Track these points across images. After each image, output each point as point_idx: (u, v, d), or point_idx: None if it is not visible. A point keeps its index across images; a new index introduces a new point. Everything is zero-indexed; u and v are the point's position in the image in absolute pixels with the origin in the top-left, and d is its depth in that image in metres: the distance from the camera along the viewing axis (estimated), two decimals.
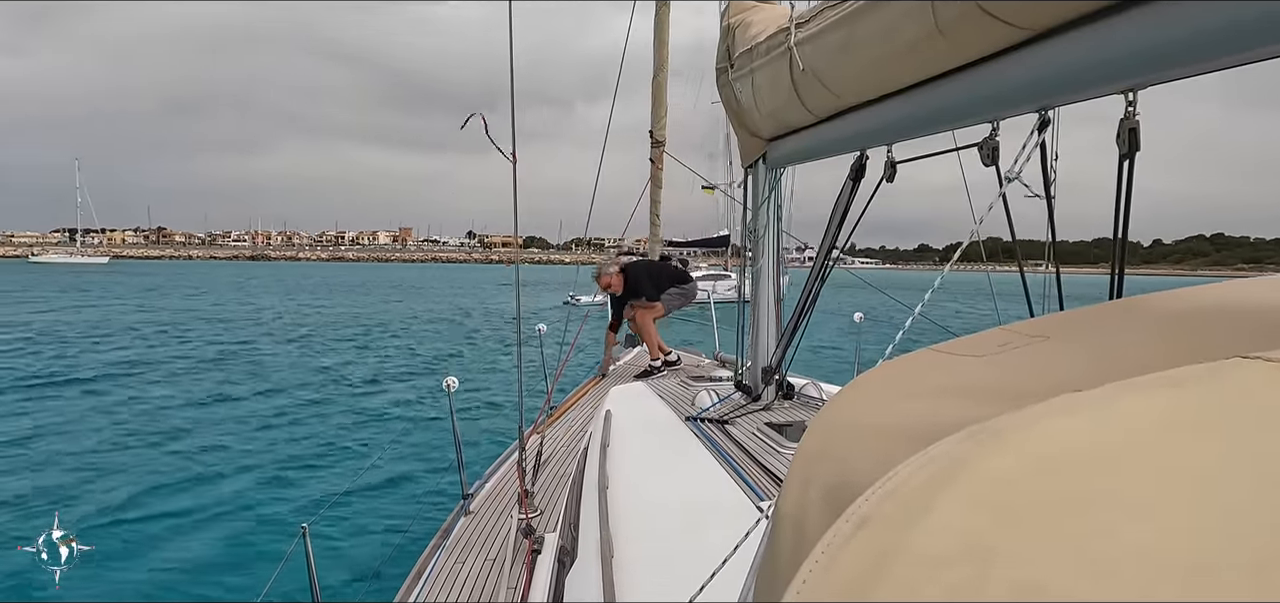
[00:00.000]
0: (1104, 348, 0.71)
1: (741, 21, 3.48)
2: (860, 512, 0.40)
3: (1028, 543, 0.33)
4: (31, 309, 27.25)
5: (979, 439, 0.42)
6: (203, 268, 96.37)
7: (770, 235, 3.86)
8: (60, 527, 3.74)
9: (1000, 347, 0.75)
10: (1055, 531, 0.34)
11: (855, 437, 0.60)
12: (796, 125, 3.17)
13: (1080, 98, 1.62)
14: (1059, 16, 1.56)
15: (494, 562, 3.02)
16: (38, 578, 5.60)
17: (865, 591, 0.35)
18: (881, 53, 2.20)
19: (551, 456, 4.08)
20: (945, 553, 0.34)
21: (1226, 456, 0.37)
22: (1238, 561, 0.31)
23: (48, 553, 3.63)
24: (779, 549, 0.57)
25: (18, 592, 5.13)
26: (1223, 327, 0.69)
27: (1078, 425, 0.42)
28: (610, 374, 6.06)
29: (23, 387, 12.46)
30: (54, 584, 3.79)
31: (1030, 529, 0.34)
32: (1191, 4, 1.30)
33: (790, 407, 3.76)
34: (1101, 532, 0.33)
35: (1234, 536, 0.32)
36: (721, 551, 1.36)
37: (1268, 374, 0.46)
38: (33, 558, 5.03)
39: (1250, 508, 0.33)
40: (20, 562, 5.91)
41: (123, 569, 5.64)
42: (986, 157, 1.95)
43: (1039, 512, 0.35)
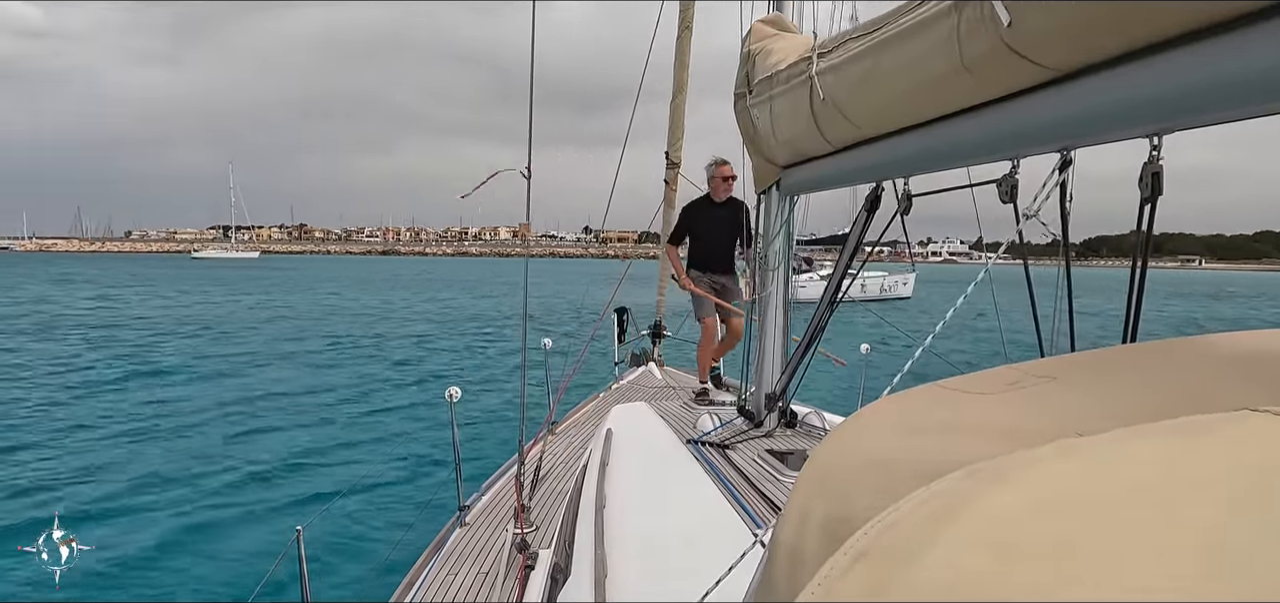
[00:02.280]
0: (1113, 392, 0.70)
1: (762, 48, 3.48)
2: (858, 545, 0.40)
3: (1026, 584, 0.33)
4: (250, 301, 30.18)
5: (980, 478, 0.42)
6: (341, 262, 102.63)
7: (781, 261, 3.84)
8: (60, 527, 3.74)
9: (1008, 386, 0.74)
10: (1054, 573, 0.34)
11: (857, 470, 0.59)
12: (813, 154, 3.15)
13: (1104, 140, 1.60)
14: (1086, 58, 1.55)
15: (487, 575, 3.00)
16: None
17: None
18: (904, 86, 2.18)
19: (550, 471, 4.06)
20: (943, 590, 0.34)
21: (1230, 507, 0.37)
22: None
23: (48, 553, 3.63)
24: (775, 579, 0.56)
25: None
26: (1234, 377, 0.68)
27: (1080, 469, 0.42)
28: (612, 393, 6.03)
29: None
30: (65, 583, 3.80)
31: (1029, 570, 0.34)
32: (1219, 52, 1.28)
33: (792, 435, 3.73)
34: (1100, 576, 0.33)
35: (1234, 587, 0.31)
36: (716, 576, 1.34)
37: (1274, 428, 0.46)
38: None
39: (1251, 561, 0.32)
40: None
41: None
42: (1005, 194, 1.93)
43: (1038, 553, 0.35)
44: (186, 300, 30.91)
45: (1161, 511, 0.37)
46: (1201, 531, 0.35)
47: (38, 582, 4.79)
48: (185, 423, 9.87)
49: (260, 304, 29.19)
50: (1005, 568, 0.35)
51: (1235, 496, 0.38)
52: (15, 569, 5.23)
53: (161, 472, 7.75)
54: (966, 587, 0.34)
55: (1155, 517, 0.36)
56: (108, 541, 5.81)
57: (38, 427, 9.52)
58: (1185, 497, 0.38)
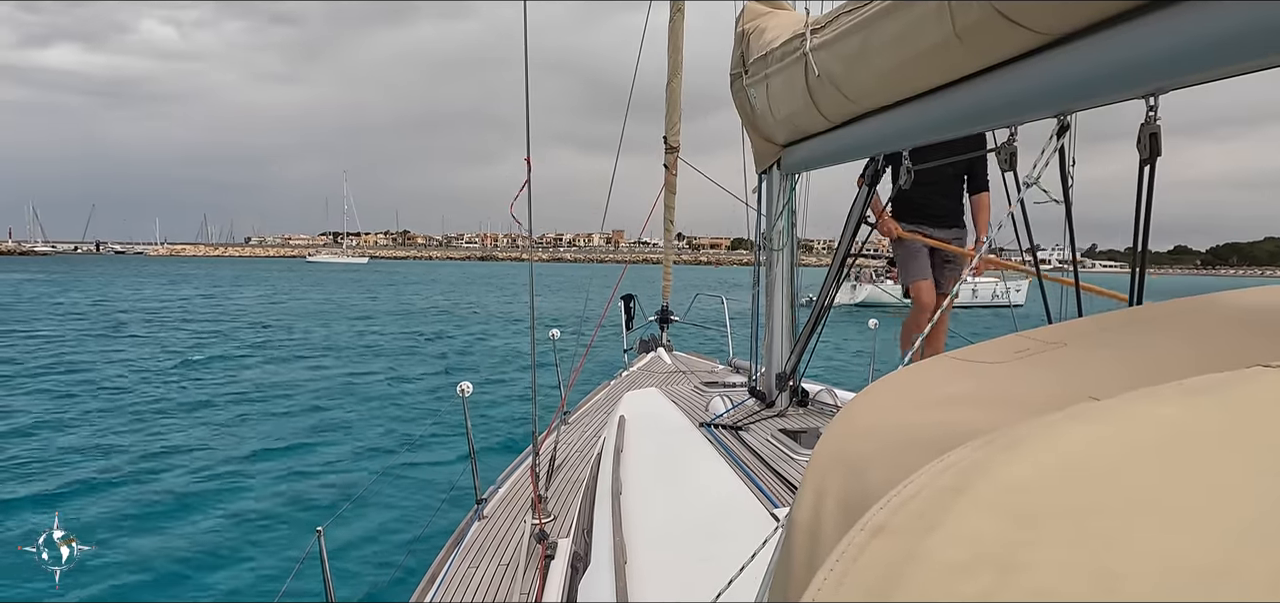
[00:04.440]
0: (1122, 356, 0.70)
1: (756, 27, 3.47)
2: (876, 520, 0.39)
3: (1046, 551, 0.33)
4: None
5: (996, 447, 0.42)
6: (442, 267, 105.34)
7: (786, 241, 3.85)
8: (61, 527, 3.78)
9: (1017, 354, 0.74)
10: (1074, 539, 0.33)
11: (870, 444, 0.60)
12: (811, 131, 3.16)
13: (1100, 103, 1.60)
14: (1078, 21, 1.55)
15: (507, 567, 3.03)
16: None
17: (882, 599, 0.34)
18: (898, 58, 2.18)
19: (565, 460, 4.08)
20: (963, 561, 0.34)
21: (1246, 464, 0.37)
22: (1256, 568, 0.30)
23: (48, 553, 3.68)
24: (793, 557, 0.57)
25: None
26: (1242, 335, 0.68)
27: (1096, 433, 0.42)
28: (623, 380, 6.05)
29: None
30: (61, 581, 3.85)
31: (1049, 537, 0.34)
32: (1212, 7, 1.29)
33: (804, 413, 3.74)
34: (1119, 540, 0.32)
35: (1252, 544, 0.31)
36: (736, 557, 1.35)
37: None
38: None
39: (1269, 517, 0.33)
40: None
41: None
42: (1005, 162, 1.94)
43: (1057, 520, 0.35)
44: (316, 297, 35.08)
45: (1179, 471, 0.37)
46: (1220, 490, 0.35)
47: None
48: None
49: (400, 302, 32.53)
50: (1026, 535, 0.34)
51: (1251, 453, 0.38)
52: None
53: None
54: (988, 556, 0.34)
55: (1173, 478, 0.36)
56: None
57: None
58: (1201, 457, 0.38)
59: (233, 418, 10.17)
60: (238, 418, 10.17)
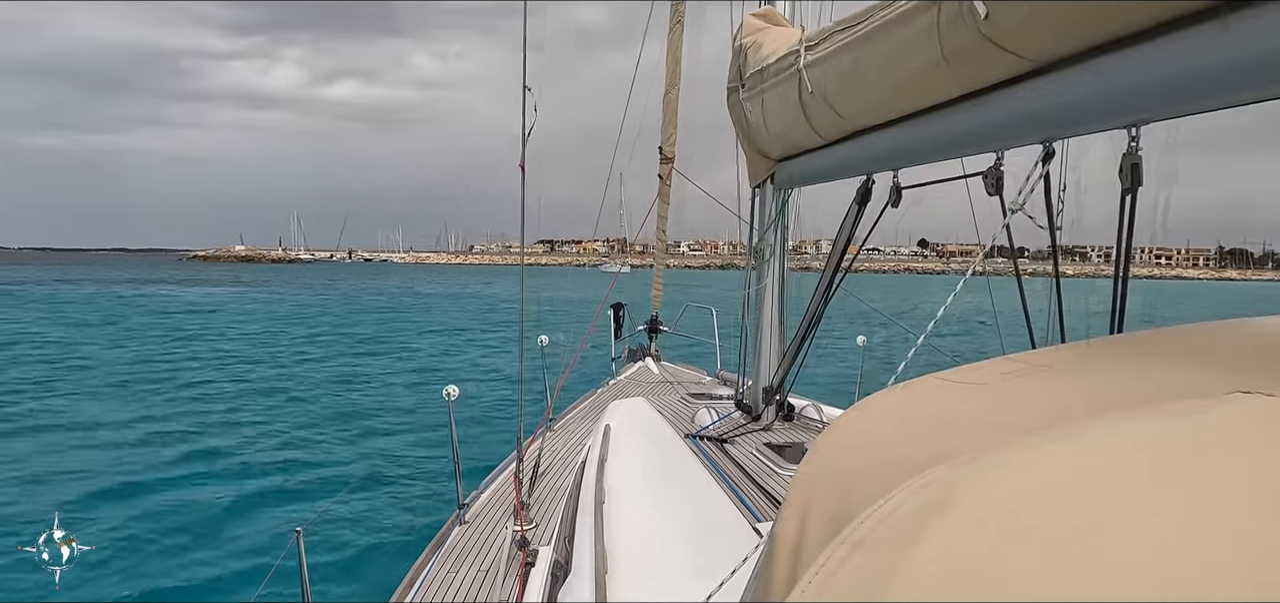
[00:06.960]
0: (1106, 380, 0.71)
1: (753, 42, 3.50)
2: (856, 534, 0.40)
3: (1024, 569, 0.33)
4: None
5: (976, 465, 0.42)
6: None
7: (776, 254, 3.87)
8: (60, 527, 3.74)
9: (1003, 376, 0.74)
10: (1052, 557, 0.34)
11: (856, 462, 0.60)
12: (804, 147, 3.18)
13: (1083, 131, 1.63)
14: (1063, 49, 1.58)
15: (487, 572, 3.01)
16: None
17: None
18: (888, 78, 2.21)
19: (549, 467, 4.07)
20: (941, 577, 0.34)
21: (1223, 486, 0.37)
22: (1231, 587, 0.31)
23: (48, 553, 3.63)
24: (773, 571, 0.57)
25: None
26: (1224, 363, 0.69)
27: (1075, 453, 0.42)
28: (610, 388, 6.04)
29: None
30: (61, 582, 3.80)
31: (1027, 555, 0.34)
32: (1193, 43, 1.31)
33: (790, 428, 3.75)
34: (1097, 559, 0.33)
35: (1228, 564, 0.32)
36: (716, 570, 1.35)
37: (1267, 409, 0.47)
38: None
39: (1245, 537, 0.33)
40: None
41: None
42: (991, 186, 1.96)
43: (1036, 538, 0.35)
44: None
45: (1157, 493, 0.37)
46: (1196, 511, 0.35)
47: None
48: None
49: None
50: (1004, 551, 0.34)
51: (1232, 476, 0.38)
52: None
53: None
54: (967, 571, 0.34)
55: (1151, 499, 0.36)
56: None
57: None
58: (1179, 479, 0.38)
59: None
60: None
